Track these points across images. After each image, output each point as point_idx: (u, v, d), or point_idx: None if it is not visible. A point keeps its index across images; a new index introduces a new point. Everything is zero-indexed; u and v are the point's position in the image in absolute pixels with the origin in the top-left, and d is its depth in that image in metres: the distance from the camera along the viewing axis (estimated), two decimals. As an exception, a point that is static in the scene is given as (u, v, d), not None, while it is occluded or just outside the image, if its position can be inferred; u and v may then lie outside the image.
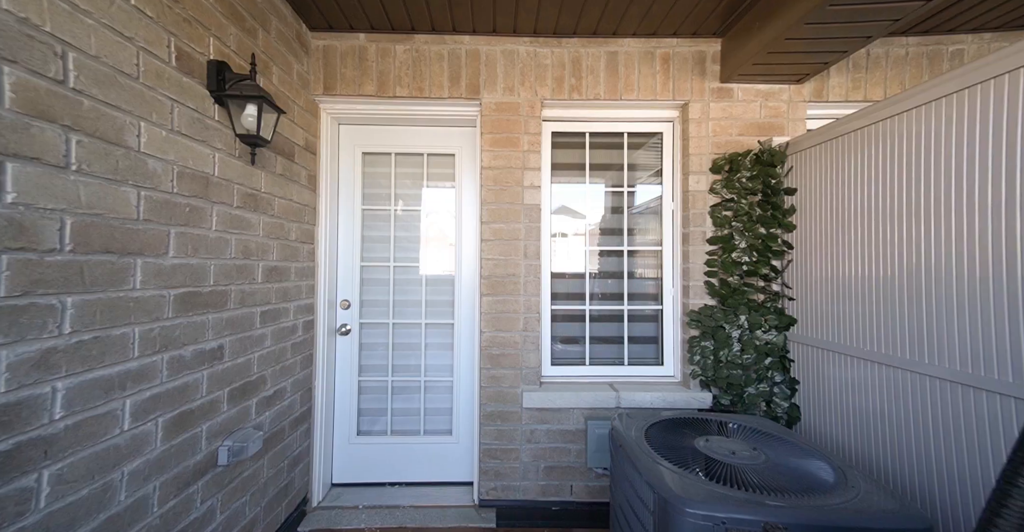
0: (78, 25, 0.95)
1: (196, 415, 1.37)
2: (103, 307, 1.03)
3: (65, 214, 0.93)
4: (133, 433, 1.12)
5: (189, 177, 1.32)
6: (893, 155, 1.46)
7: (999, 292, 1.13)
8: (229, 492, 1.54)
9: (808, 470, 1.28)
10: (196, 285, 1.37)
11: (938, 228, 1.30)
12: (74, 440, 0.95)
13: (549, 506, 2.17)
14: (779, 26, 1.78)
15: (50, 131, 0.89)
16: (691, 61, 2.25)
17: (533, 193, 2.25)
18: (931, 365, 1.31)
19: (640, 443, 1.47)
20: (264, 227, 1.76)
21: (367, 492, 2.35)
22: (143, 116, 1.14)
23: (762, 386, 2.04)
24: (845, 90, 2.22)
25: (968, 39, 2.13)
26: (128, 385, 1.10)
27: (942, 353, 1.28)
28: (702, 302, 2.22)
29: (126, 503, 1.09)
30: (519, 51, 2.25)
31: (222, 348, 1.50)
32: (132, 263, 1.12)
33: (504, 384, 2.22)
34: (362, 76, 2.22)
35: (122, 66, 1.07)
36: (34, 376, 0.87)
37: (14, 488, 0.83)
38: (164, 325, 1.23)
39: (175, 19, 1.26)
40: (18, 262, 0.84)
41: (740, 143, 2.23)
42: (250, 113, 1.47)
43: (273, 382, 1.84)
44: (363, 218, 2.46)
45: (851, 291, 1.64)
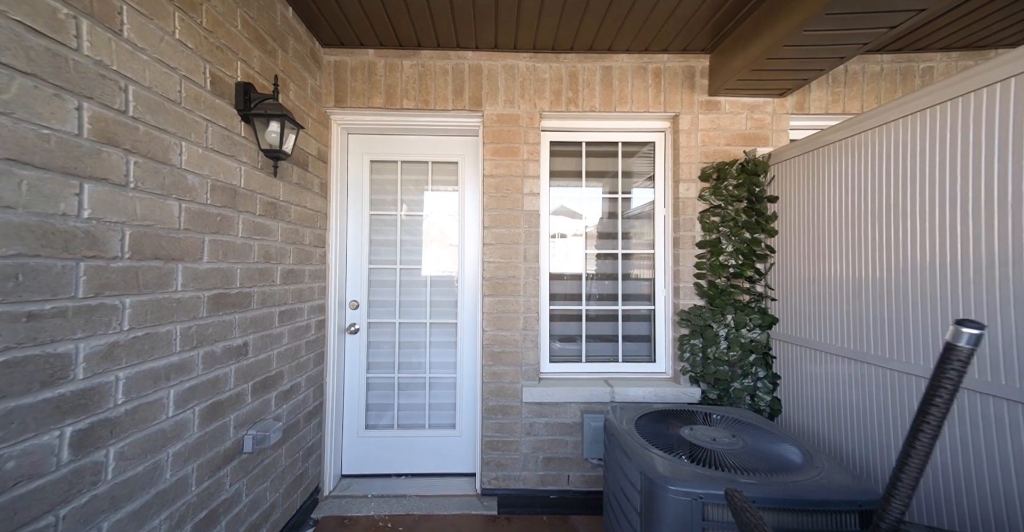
0: (136, 62, 1.09)
1: (225, 405, 1.50)
2: (152, 307, 1.17)
3: (125, 226, 1.07)
4: (176, 419, 1.25)
5: (220, 189, 1.46)
6: (866, 166, 1.60)
7: (959, 293, 1.27)
8: (253, 477, 1.67)
9: (780, 453, 1.42)
10: (225, 287, 1.50)
11: (908, 233, 1.44)
12: (132, 423, 1.09)
13: (547, 495, 2.31)
14: (760, 47, 1.92)
15: (115, 155, 1.03)
16: (681, 75, 2.39)
17: (532, 200, 2.39)
18: (895, 360, 1.45)
19: (631, 432, 1.60)
20: (282, 233, 1.90)
21: (375, 483, 2.49)
22: (184, 136, 1.28)
23: (747, 381, 2.19)
24: (825, 103, 2.37)
25: (937, 57, 2.28)
26: (172, 376, 1.24)
27: (907, 349, 1.42)
28: (692, 302, 2.36)
29: (171, 481, 1.23)
30: (519, 66, 2.39)
31: (247, 345, 1.64)
32: (174, 268, 1.25)
33: (505, 380, 2.35)
34: (371, 89, 2.36)
35: (168, 93, 1.21)
36: (103, 366, 1.00)
37: (90, 461, 0.96)
38: (200, 323, 1.37)
39: (210, 47, 1.39)
40: (92, 268, 0.97)
41: (727, 153, 2.37)
42: (273, 130, 1.61)
43: (290, 377, 1.98)
44: (371, 223, 2.60)
45: (826, 292, 1.78)
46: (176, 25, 1.24)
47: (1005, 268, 1.13)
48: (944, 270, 1.29)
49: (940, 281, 1.30)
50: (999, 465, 1.13)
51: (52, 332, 0.89)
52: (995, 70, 1.14)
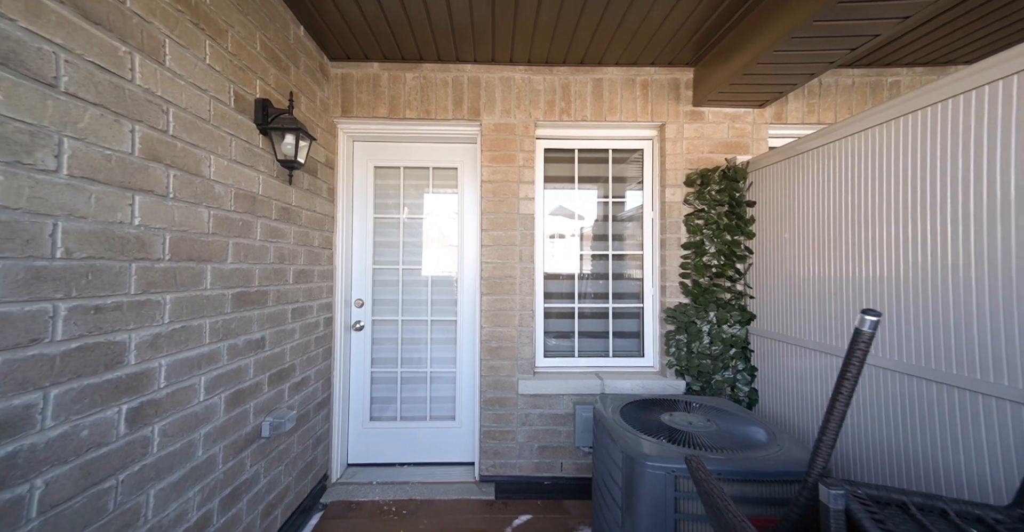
0: (175, 87, 1.24)
1: (246, 394, 1.65)
2: (187, 303, 1.32)
3: (166, 231, 1.22)
4: (206, 404, 1.40)
5: (242, 197, 1.61)
6: (832, 174, 1.76)
7: (919, 290, 1.42)
8: (269, 461, 1.82)
9: (748, 434, 1.57)
10: (246, 286, 1.65)
11: (869, 236, 1.60)
12: (171, 404, 1.24)
13: (541, 481, 2.46)
14: (738, 63, 2.08)
15: (159, 169, 1.18)
16: (667, 87, 2.55)
17: (528, 204, 2.54)
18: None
19: (616, 418, 1.76)
20: (294, 236, 2.04)
21: (379, 471, 2.64)
22: (212, 150, 1.43)
23: (727, 373, 2.34)
24: (801, 114, 2.53)
25: (903, 72, 2.44)
26: (203, 365, 1.39)
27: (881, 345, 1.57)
28: (677, 300, 2.51)
29: (202, 458, 1.37)
30: (515, 78, 2.54)
31: (264, 339, 1.78)
32: (204, 268, 1.40)
33: (502, 374, 2.51)
34: (376, 100, 2.51)
35: (200, 113, 1.36)
36: (149, 354, 1.15)
37: (140, 435, 1.11)
38: (225, 318, 1.52)
39: (233, 69, 1.54)
40: (141, 269, 1.12)
41: (710, 160, 2.53)
42: (288, 142, 1.76)
43: (301, 370, 2.12)
44: (375, 225, 2.75)
45: (798, 290, 1.94)
46: (207, 51, 1.39)
47: (957, 272, 1.28)
48: (899, 271, 1.44)
49: (896, 281, 1.45)
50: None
51: (112, 323, 1.04)
52: (949, 86, 1.27)
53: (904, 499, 0.86)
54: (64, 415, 0.91)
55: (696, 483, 0.94)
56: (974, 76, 1.19)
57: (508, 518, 2.21)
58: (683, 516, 1.32)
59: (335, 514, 2.23)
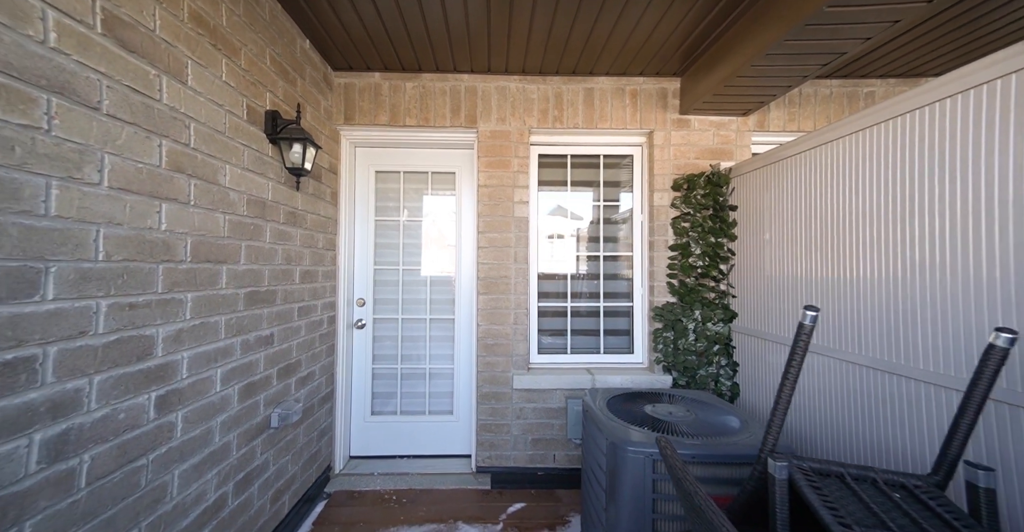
0: (197, 103, 1.36)
1: (257, 386, 1.77)
2: (205, 301, 1.43)
3: (188, 236, 1.34)
4: (222, 394, 1.52)
5: (253, 202, 1.73)
6: (806, 181, 1.88)
7: (889, 290, 1.55)
8: (278, 450, 1.94)
9: (723, 422, 1.69)
10: (256, 285, 1.77)
11: (841, 239, 1.72)
12: (192, 394, 1.35)
13: (535, 471, 2.58)
14: (719, 75, 2.21)
15: (181, 179, 1.30)
16: (655, 96, 2.67)
17: (522, 207, 2.66)
18: (831, 348, 1.73)
19: (602, 409, 1.88)
20: (300, 238, 2.16)
21: (380, 463, 2.75)
22: (227, 160, 1.55)
23: (711, 369, 2.47)
24: (783, 122, 2.66)
25: (878, 83, 2.57)
26: (219, 359, 1.51)
27: (839, 339, 1.69)
28: (665, 300, 2.64)
29: (219, 444, 1.49)
30: (510, 87, 2.66)
31: (272, 336, 1.90)
32: (220, 269, 1.52)
33: (497, 369, 2.63)
34: (377, 108, 2.63)
35: (217, 126, 1.48)
36: (173, 347, 1.27)
37: (166, 420, 1.23)
38: (238, 316, 1.63)
39: (246, 84, 1.66)
40: (167, 270, 1.24)
41: (697, 165, 2.65)
42: (296, 150, 1.87)
43: (306, 366, 2.24)
44: (376, 227, 2.87)
45: (775, 289, 2.06)
46: (223, 69, 1.50)
47: (905, 275, 1.40)
48: (862, 272, 1.56)
49: (859, 281, 1.57)
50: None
51: (143, 319, 1.15)
52: (903, 103, 1.39)
53: (842, 471, 0.98)
54: (105, 399, 1.03)
55: (664, 459, 1.06)
56: (932, 92, 1.27)
57: (503, 506, 2.33)
58: (660, 496, 1.45)
59: (338, 502, 2.35)
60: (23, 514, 0.83)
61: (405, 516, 2.21)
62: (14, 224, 0.82)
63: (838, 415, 1.61)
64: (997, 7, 1.87)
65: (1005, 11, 1.89)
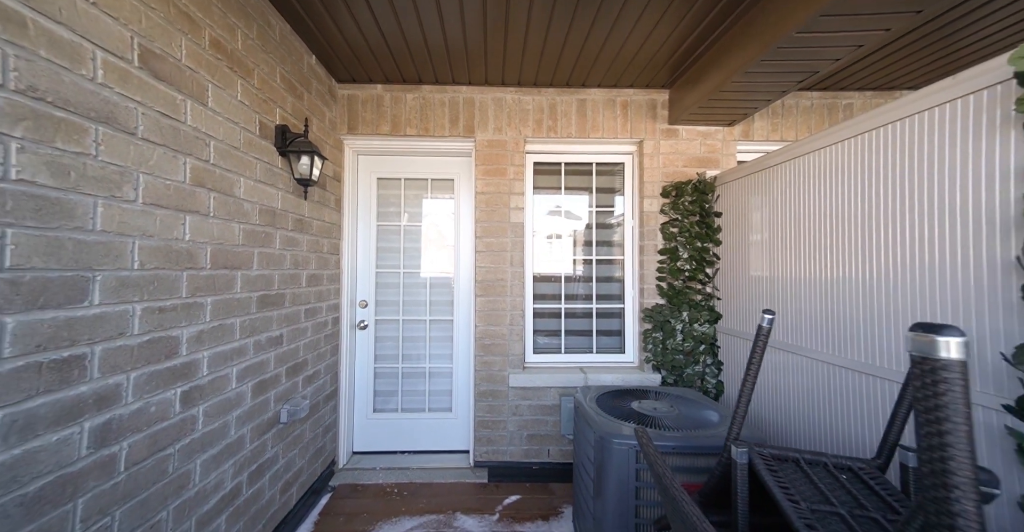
0: (216, 122, 1.48)
1: (268, 383, 1.88)
2: (223, 304, 1.55)
3: (208, 245, 1.45)
4: (237, 391, 1.64)
5: (264, 212, 1.84)
6: (779, 191, 2.00)
7: (858, 293, 1.67)
8: (286, 444, 2.05)
9: (703, 417, 1.82)
10: (267, 289, 1.89)
11: (813, 246, 1.84)
12: (212, 390, 1.47)
13: (530, 466, 2.70)
14: (705, 89, 2.33)
15: (202, 193, 1.42)
16: (645, 107, 2.80)
17: (518, 213, 2.78)
18: (804, 347, 1.85)
19: (592, 405, 2.00)
20: (306, 244, 2.28)
21: (382, 458, 2.87)
22: (242, 173, 1.67)
23: (697, 367, 2.59)
24: (766, 132, 2.78)
25: (856, 95, 2.70)
26: (235, 358, 1.62)
27: (812, 339, 1.82)
28: (654, 301, 2.76)
29: (235, 437, 1.61)
30: (506, 98, 2.79)
31: (282, 336, 2.02)
32: (236, 275, 1.64)
33: (494, 368, 2.75)
34: (379, 118, 2.75)
35: (233, 142, 1.60)
36: (196, 347, 1.39)
37: (189, 414, 1.35)
38: (251, 318, 1.75)
39: (259, 101, 1.78)
40: (190, 276, 1.36)
41: (684, 173, 2.78)
42: (304, 162, 1.99)
43: (312, 365, 2.36)
44: (378, 232, 2.99)
45: (755, 292, 2.19)
46: (239, 89, 1.62)
47: (859, 280, 1.52)
48: (836, 276, 1.69)
49: (835, 285, 1.70)
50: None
51: (170, 321, 1.27)
52: (866, 122, 1.52)
53: (797, 456, 1.11)
54: (140, 394, 1.15)
55: (640, 447, 1.18)
56: (892, 112, 1.41)
57: (499, 498, 2.45)
58: (642, 484, 1.57)
59: (343, 495, 2.46)
60: (77, 492, 0.95)
61: (406, 508, 2.33)
62: (69, 239, 0.94)
63: (806, 409, 1.74)
64: (962, 28, 2.00)
65: (970, 31, 2.02)
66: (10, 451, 0.82)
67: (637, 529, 1.57)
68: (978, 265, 1.08)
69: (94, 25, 0.99)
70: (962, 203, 1.12)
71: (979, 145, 1.07)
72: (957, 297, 1.13)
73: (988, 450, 1.03)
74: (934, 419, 0.53)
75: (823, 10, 1.49)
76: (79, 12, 0.95)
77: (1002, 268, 1.02)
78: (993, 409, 1.02)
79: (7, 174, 0.81)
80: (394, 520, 2.21)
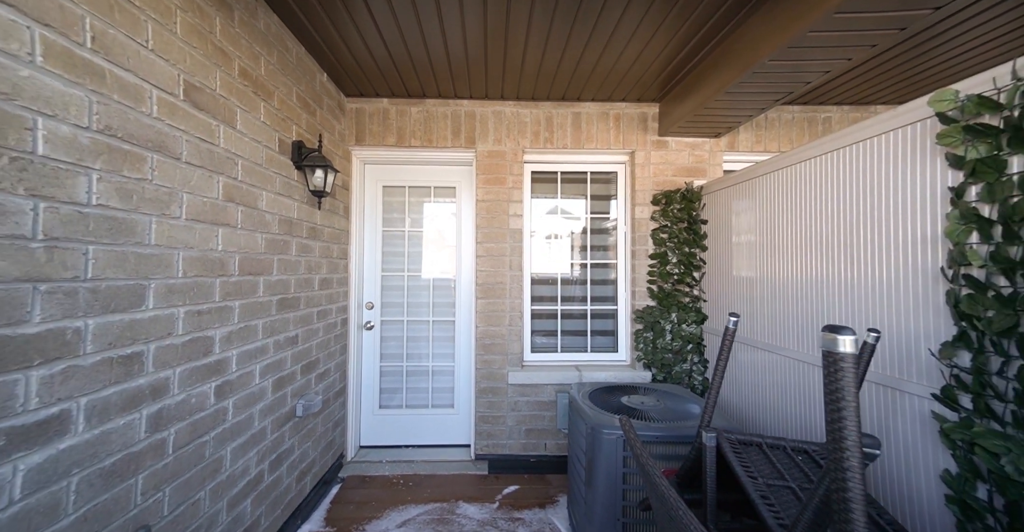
0: (243, 143, 1.63)
1: (285, 380, 2.04)
2: (248, 308, 1.71)
3: (236, 254, 1.61)
4: (260, 386, 1.79)
5: (283, 221, 2.00)
6: (758, 202, 2.16)
7: (821, 296, 1.83)
8: (301, 436, 2.21)
9: (687, 410, 1.98)
10: (285, 293, 2.04)
11: (787, 254, 2.01)
12: (240, 385, 1.63)
13: (528, 458, 2.86)
14: (692, 104, 2.50)
15: (231, 207, 1.58)
16: (636, 120, 2.96)
17: (516, 220, 2.94)
18: (777, 346, 2.01)
19: (584, 400, 2.16)
20: (319, 250, 2.44)
21: (388, 451, 3.03)
22: (264, 188, 1.82)
23: (685, 365, 2.75)
24: (751, 143, 2.95)
25: (834, 109, 2.87)
26: (258, 356, 1.78)
27: (786, 338, 1.98)
28: (645, 303, 2.92)
29: (258, 428, 1.77)
30: (505, 111, 2.95)
31: (297, 336, 2.18)
32: (259, 280, 1.80)
33: (494, 367, 2.90)
34: (385, 130, 2.91)
35: (257, 159, 1.76)
36: (226, 346, 1.55)
37: (221, 406, 1.51)
38: (271, 319, 1.91)
39: (278, 120, 1.94)
40: (222, 283, 1.52)
41: (674, 182, 2.94)
42: (319, 175, 2.15)
43: (324, 363, 2.51)
44: (383, 237, 3.14)
45: (737, 294, 2.35)
46: (261, 111, 1.78)
47: (810, 282, 1.69)
48: (804, 280, 1.85)
49: (803, 288, 1.86)
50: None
51: (207, 323, 1.43)
52: (842, 138, 1.68)
53: (760, 440, 1.27)
54: (183, 387, 1.31)
55: (623, 432, 1.34)
56: (856, 133, 1.56)
57: (498, 488, 2.61)
58: (628, 470, 1.73)
59: (352, 485, 2.62)
60: (138, 469, 1.11)
61: (412, 496, 2.49)
62: (132, 252, 1.10)
63: (781, 402, 1.90)
64: (928, 50, 2.16)
65: (935, 54, 2.18)
66: (92, 431, 0.97)
67: (624, 511, 1.73)
68: (915, 273, 1.24)
69: (151, 68, 1.15)
70: (903, 219, 1.28)
71: (914, 169, 1.23)
72: (900, 300, 1.29)
73: (921, 432, 1.19)
74: (834, 398, 0.69)
75: (790, 42, 1.66)
76: (141, 58, 1.11)
77: (932, 277, 1.18)
78: (925, 398, 1.18)
79: (89, 200, 0.97)
80: (401, 508, 2.37)
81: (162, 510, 1.20)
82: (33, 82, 0.84)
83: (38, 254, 0.86)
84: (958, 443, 1.06)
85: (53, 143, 0.88)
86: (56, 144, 0.89)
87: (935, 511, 1.15)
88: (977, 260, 1.03)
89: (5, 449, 0.79)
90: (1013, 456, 0.91)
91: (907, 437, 1.25)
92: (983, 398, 1.02)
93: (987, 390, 1.01)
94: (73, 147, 0.93)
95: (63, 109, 0.90)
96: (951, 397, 1.10)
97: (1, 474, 0.78)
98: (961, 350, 1.08)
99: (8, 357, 0.79)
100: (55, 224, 0.89)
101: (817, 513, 0.78)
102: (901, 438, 1.27)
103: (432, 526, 2.20)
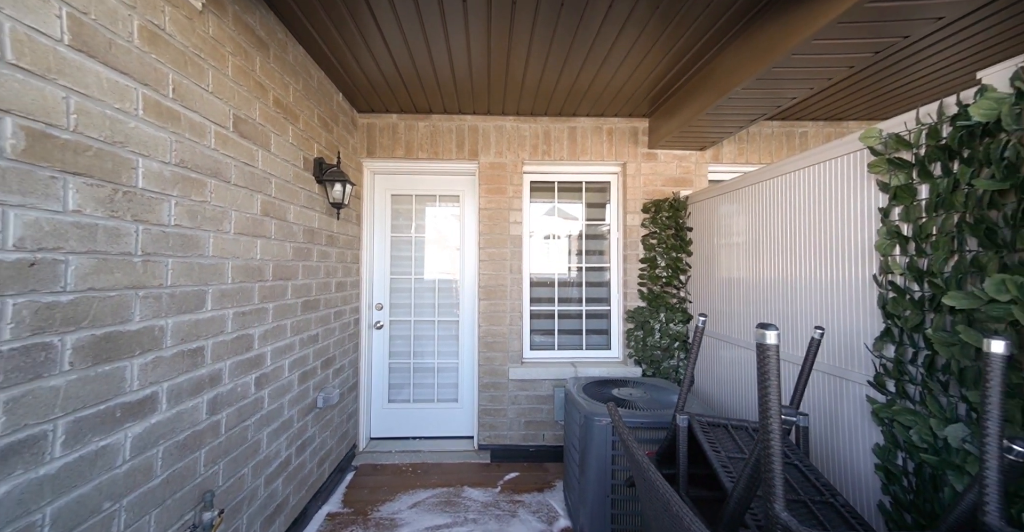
0: (276, 163, 1.85)
1: (308, 374, 2.25)
2: (280, 309, 1.92)
3: (271, 261, 1.83)
4: (288, 379, 2.01)
5: (306, 231, 2.22)
6: (737, 211, 2.38)
7: (784, 297, 2.05)
8: (321, 426, 2.42)
9: (670, 400, 2.20)
10: (308, 296, 2.26)
11: (766, 258, 2.22)
12: (273, 377, 1.84)
13: (528, 448, 3.08)
14: (679, 120, 2.72)
15: (267, 221, 1.79)
16: (628, 134, 3.18)
17: (516, 227, 3.16)
18: (749, 341, 2.23)
19: (579, 392, 2.38)
20: (335, 256, 2.65)
21: (397, 442, 3.24)
22: (292, 202, 2.04)
23: (672, 361, 2.98)
24: (734, 155, 3.17)
25: (810, 125, 3.10)
26: (287, 352, 2.00)
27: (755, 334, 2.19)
28: (636, 304, 3.14)
29: (287, 416, 1.98)
30: (506, 126, 3.17)
31: (318, 335, 2.39)
32: (287, 284, 2.01)
33: (496, 363, 3.12)
34: (394, 144, 3.12)
35: (286, 177, 1.97)
36: (263, 343, 1.76)
37: (260, 395, 1.72)
38: (297, 319, 2.12)
39: (302, 140, 2.15)
40: (260, 287, 1.73)
41: (662, 192, 3.16)
42: (337, 189, 2.37)
43: (340, 360, 2.73)
44: (392, 242, 3.36)
45: (719, 295, 2.57)
46: (290, 134, 2.00)
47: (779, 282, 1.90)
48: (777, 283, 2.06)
49: (772, 290, 2.08)
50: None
51: (248, 322, 1.64)
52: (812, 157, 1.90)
53: (726, 422, 1.49)
54: (232, 377, 1.52)
55: (610, 417, 1.56)
56: (825, 152, 1.79)
57: (500, 475, 2.83)
58: (617, 453, 1.95)
59: (365, 473, 2.84)
60: (201, 444, 1.32)
61: (421, 482, 2.70)
62: (196, 263, 1.32)
63: (752, 392, 2.12)
64: (897, 71, 2.37)
65: (902, 75, 2.40)
66: (171, 410, 1.19)
67: (613, 489, 1.95)
68: (857, 280, 1.46)
69: (210, 107, 1.36)
70: (849, 232, 1.50)
71: (857, 191, 1.45)
72: (845, 303, 1.51)
73: (860, 414, 1.42)
74: (762, 379, 0.91)
75: (760, 74, 1.88)
76: (204, 100, 1.32)
77: (868, 283, 1.40)
78: (863, 384, 1.40)
79: (169, 221, 1.19)
80: (411, 492, 2.59)
81: (218, 481, 1.42)
82: (136, 131, 1.05)
83: (138, 266, 1.07)
84: (884, 420, 1.28)
85: (148, 177, 1.10)
86: (150, 178, 1.10)
87: (869, 477, 1.37)
88: (898, 269, 1.25)
89: (121, 419, 1.00)
90: (918, 428, 1.13)
91: (850, 419, 1.47)
92: (902, 383, 1.24)
93: (904, 376, 1.23)
94: (160, 179, 1.14)
95: (154, 149, 1.12)
96: (880, 383, 1.32)
97: (117, 439, 1.00)
98: (888, 344, 1.31)
99: (121, 348, 1.01)
100: (148, 242, 1.11)
101: (754, 469, 1.00)
102: (846, 419, 1.49)
103: (441, 507, 2.42)
